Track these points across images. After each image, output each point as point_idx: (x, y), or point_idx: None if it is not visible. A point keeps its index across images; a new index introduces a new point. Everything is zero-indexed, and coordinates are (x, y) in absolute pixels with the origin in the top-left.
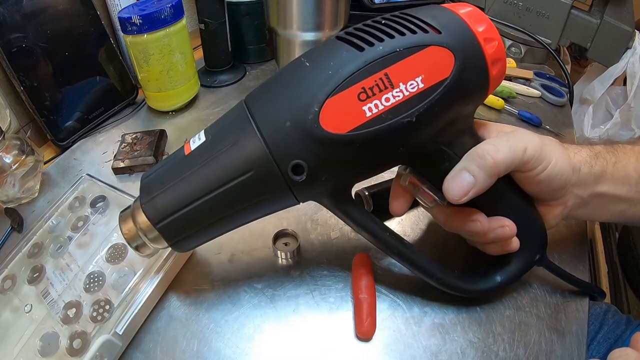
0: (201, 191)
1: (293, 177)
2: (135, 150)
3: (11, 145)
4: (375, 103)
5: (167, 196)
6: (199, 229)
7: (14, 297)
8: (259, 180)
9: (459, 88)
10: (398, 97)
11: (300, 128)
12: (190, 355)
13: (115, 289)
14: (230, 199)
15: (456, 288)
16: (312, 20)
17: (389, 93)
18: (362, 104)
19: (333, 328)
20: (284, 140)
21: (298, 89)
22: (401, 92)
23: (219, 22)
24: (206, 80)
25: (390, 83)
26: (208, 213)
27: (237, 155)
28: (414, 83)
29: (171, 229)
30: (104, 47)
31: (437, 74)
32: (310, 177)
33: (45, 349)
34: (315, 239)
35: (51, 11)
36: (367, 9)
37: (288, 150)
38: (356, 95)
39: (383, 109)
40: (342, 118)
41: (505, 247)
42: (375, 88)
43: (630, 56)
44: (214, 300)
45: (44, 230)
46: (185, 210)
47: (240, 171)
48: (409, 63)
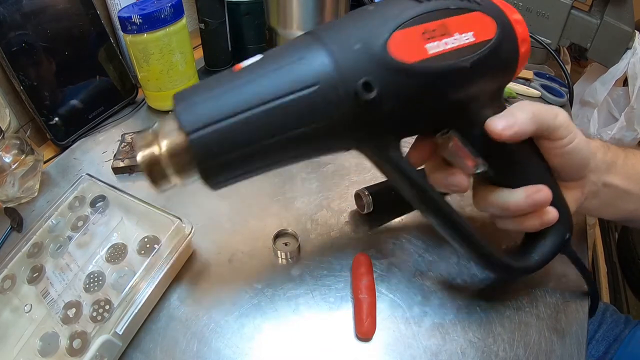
0: (254, 99)
1: (363, 95)
2: (135, 150)
3: (11, 145)
4: (437, 44)
5: (211, 102)
6: (239, 153)
7: (14, 297)
8: (322, 97)
9: (499, 52)
10: (455, 43)
11: (369, 51)
12: (190, 355)
13: (115, 289)
14: (284, 115)
15: (497, 264)
16: (312, 20)
17: (448, 38)
18: (426, 42)
19: (333, 328)
20: (353, 59)
21: (367, 20)
22: (457, 40)
23: (219, 21)
24: None
25: (448, 31)
26: (255, 131)
27: (301, 68)
28: (467, 35)
29: (207, 145)
30: (103, 46)
31: (484, 34)
32: (378, 99)
33: (45, 349)
34: (315, 239)
35: (51, 10)
36: None
37: (357, 69)
38: (420, 33)
39: (443, 50)
40: (408, 49)
41: (543, 218)
42: (436, 31)
43: (631, 57)
44: (214, 300)
45: (44, 230)
46: (230, 121)
47: (303, 84)
48: (461, 19)
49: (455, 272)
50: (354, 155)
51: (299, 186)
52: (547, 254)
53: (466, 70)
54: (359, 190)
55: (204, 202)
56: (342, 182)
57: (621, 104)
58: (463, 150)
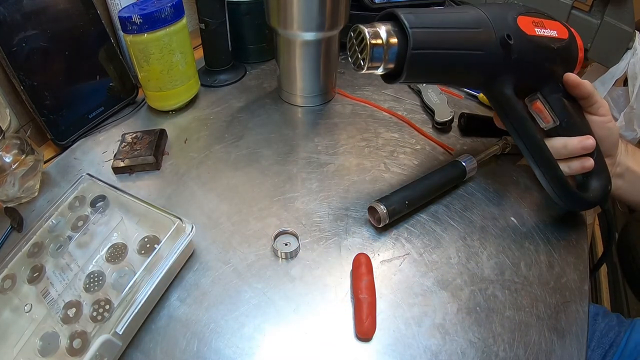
0: (451, 22)
1: (505, 40)
2: (135, 150)
3: (11, 145)
4: (540, 30)
5: (424, 16)
6: (434, 52)
7: (14, 296)
8: (485, 36)
9: (569, 49)
10: (547, 34)
11: (508, 20)
12: (190, 355)
13: (115, 289)
14: (464, 39)
15: (570, 192)
16: (312, 20)
17: (545, 29)
18: (535, 27)
19: (333, 328)
20: (501, 21)
21: (503, 6)
22: (549, 32)
23: (219, 21)
24: (206, 80)
25: (544, 26)
26: (446, 41)
27: (471, 16)
28: (553, 32)
29: (418, 39)
30: (104, 46)
31: (562, 35)
32: (512, 47)
33: (45, 348)
34: (315, 239)
35: (51, 10)
36: (368, 8)
37: (503, 26)
38: (532, 21)
39: (542, 34)
40: (527, 26)
41: (585, 163)
42: (539, 24)
43: (631, 57)
44: (214, 300)
45: (44, 230)
46: (436, 30)
47: (476, 24)
48: (550, 22)
49: (456, 272)
50: (354, 155)
51: (299, 186)
52: (598, 196)
53: (553, 50)
54: (372, 204)
55: (204, 202)
56: (342, 182)
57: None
58: (543, 109)
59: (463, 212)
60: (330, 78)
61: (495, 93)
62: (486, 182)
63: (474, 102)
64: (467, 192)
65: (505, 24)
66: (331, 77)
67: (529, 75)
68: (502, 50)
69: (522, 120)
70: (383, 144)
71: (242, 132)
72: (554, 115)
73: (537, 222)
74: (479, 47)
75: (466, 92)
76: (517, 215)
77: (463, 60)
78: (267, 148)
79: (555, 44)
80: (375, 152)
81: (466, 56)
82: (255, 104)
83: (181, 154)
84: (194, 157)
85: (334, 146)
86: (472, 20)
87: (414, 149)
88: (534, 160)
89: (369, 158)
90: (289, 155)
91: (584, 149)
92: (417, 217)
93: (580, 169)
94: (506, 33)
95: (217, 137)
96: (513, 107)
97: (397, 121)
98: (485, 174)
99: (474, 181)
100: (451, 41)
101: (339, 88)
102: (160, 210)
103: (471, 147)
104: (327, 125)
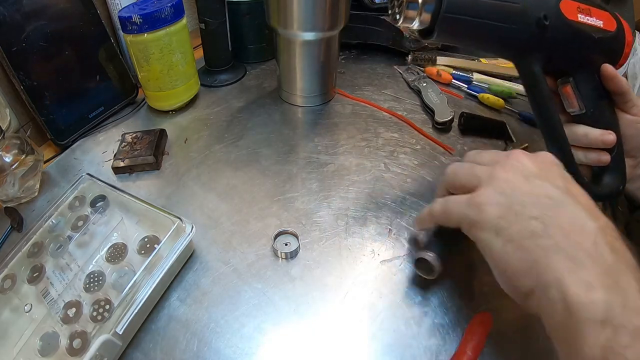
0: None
1: (541, 21)
2: (135, 150)
3: (11, 145)
4: (583, 17)
5: None
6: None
7: (14, 296)
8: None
9: (613, 42)
10: (591, 22)
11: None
12: (190, 355)
13: (115, 289)
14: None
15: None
16: (312, 20)
17: (589, 17)
18: (578, 12)
19: (333, 328)
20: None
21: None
22: (593, 21)
23: (220, 21)
24: (206, 80)
25: (590, 14)
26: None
27: None
28: (599, 22)
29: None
30: (104, 46)
31: (608, 26)
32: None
33: (45, 348)
34: (315, 239)
35: (51, 10)
36: (368, 8)
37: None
38: (576, 6)
39: (585, 22)
40: (569, 10)
41: (601, 157)
42: (584, 10)
43: (631, 57)
44: (214, 300)
45: (44, 230)
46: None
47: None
48: (599, 12)
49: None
50: (354, 155)
51: (299, 186)
52: (607, 193)
53: (593, 39)
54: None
55: (204, 202)
56: (342, 182)
57: None
58: (572, 95)
59: None
60: (330, 78)
61: (523, 67)
62: None
63: (474, 102)
64: None
65: (546, 4)
66: (331, 77)
67: (562, 58)
68: (536, 29)
69: (544, 99)
70: (383, 144)
71: (242, 132)
72: (581, 103)
73: None
74: (513, 21)
75: (466, 92)
76: None
77: (495, 31)
78: (267, 148)
79: (597, 34)
80: (375, 152)
81: (499, 28)
82: (255, 104)
83: (181, 154)
84: (194, 157)
85: (334, 146)
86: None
87: (414, 149)
88: (549, 142)
89: (369, 158)
90: (289, 155)
91: (603, 142)
92: None
93: (596, 161)
94: (544, 13)
95: (217, 137)
96: (539, 85)
97: (397, 121)
98: None
99: None
100: (485, 10)
101: (339, 88)
102: (160, 210)
103: (471, 147)
104: (327, 125)
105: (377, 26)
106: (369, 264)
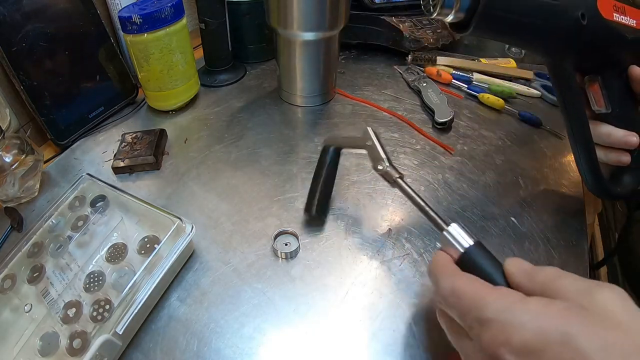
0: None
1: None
2: (135, 150)
3: (11, 145)
4: (619, 16)
5: None
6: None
7: (14, 296)
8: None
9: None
10: (626, 22)
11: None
12: (190, 355)
13: (115, 289)
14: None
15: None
16: (312, 20)
17: (624, 17)
18: (614, 11)
19: (333, 328)
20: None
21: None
22: (628, 20)
23: (220, 21)
24: (206, 80)
25: (625, 13)
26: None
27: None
28: (633, 21)
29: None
30: (104, 46)
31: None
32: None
33: (45, 348)
34: (315, 239)
35: (51, 10)
36: (368, 8)
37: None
38: (612, 5)
39: (620, 21)
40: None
41: (622, 158)
42: (619, 9)
43: None
44: (214, 300)
45: (44, 230)
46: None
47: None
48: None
49: None
50: (354, 155)
51: (299, 186)
52: (625, 193)
53: (625, 39)
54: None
55: (204, 202)
56: (342, 182)
57: None
58: (599, 93)
59: (463, 212)
60: (330, 78)
61: (555, 64)
62: (486, 182)
63: (474, 102)
64: (467, 193)
65: (584, 2)
66: (331, 77)
67: (594, 57)
68: (573, 27)
69: (573, 97)
70: (383, 144)
71: (242, 132)
72: (608, 102)
73: (537, 222)
74: (551, 19)
75: (466, 92)
76: (517, 215)
77: (532, 29)
78: (267, 148)
79: (630, 34)
80: None
81: (536, 26)
82: (255, 104)
83: (181, 154)
84: (194, 157)
85: None
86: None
87: (414, 149)
88: (574, 138)
89: (369, 158)
90: (289, 155)
91: (626, 143)
92: (418, 217)
93: (616, 161)
94: (581, 12)
95: (217, 137)
96: (569, 83)
97: (397, 121)
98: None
99: None
100: (524, 8)
101: (339, 88)
102: (160, 210)
103: (471, 147)
104: (327, 125)
105: (377, 26)
106: (369, 264)
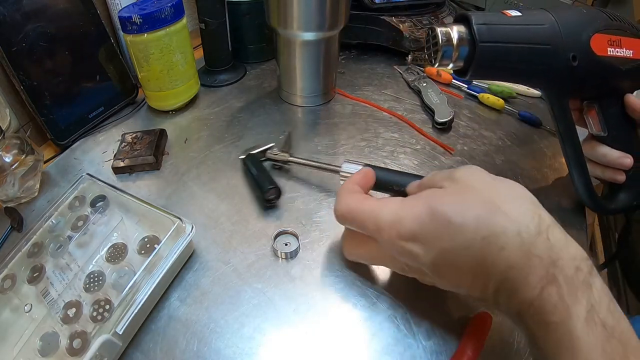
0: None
1: (571, 62)
2: (135, 150)
3: (11, 145)
4: (613, 50)
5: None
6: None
7: (14, 296)
8: (550, 53)
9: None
10: (621, 54)
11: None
12: (190, 355)
13: (115, 289)
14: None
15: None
16: (312, 20)
17: (619, 49)
18: (608, 46)
19: (333, 328)
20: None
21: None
22: (623, 53)
23: (220, 21)
24: (206, 80)
25: (620, 45)
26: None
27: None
28: (629, 52)
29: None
30: (104, 46)
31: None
32: (577, 67)
33: (45, 348)
34: (315, 239)
35: (51, 10)
36: (368, 8)
37: (571, 48)
38: (607, 40)
39: (615, 55)
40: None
41: (617, 176)
42: (614, 43)
43: None
44: (214, 300)
45: (44, 230)
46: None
47: (544, 41)
48: (630, 41)
49: None
50: (354, 155)
51: (299, 186)
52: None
53: (621, 71)
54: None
55: (204, 202)
56: (340, 183)
57: None
58: (596, 118)
59: None
60: (330, 78)
61: (551, 97)
62: None
63: (474, 102)
64: None
65: (577, 43)
66: (331, 77)
67: (588, 89)
68: (565, 69)
69: (569, 127)
70: (383, 144)
71: (242, 132)
72: (604, 127)
73: None
74: (544, 62)
75: (466, 92)
76: None
77: (526, 72)
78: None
79: (625, 65)
80: (375, 152)
81: (529, 70)
82: (255, 104)
83: (181, 154)
84: (194, 157)
85: (334, 146)
86: (545, 36)
87: (414, 149)
88: (569, 160)
89: (369, 158)
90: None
91: (620, 165)
92: None
93: (611, 178)
94: (572, 54)
95: (217, 137)
96: (564, 114)
97: (397, 121)
98: None
99: None
100: (517, 56)
101: (339, 88)
102: (160, 210)
103: (471, 147)
104: (327, 125)
105: (377, 26)
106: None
